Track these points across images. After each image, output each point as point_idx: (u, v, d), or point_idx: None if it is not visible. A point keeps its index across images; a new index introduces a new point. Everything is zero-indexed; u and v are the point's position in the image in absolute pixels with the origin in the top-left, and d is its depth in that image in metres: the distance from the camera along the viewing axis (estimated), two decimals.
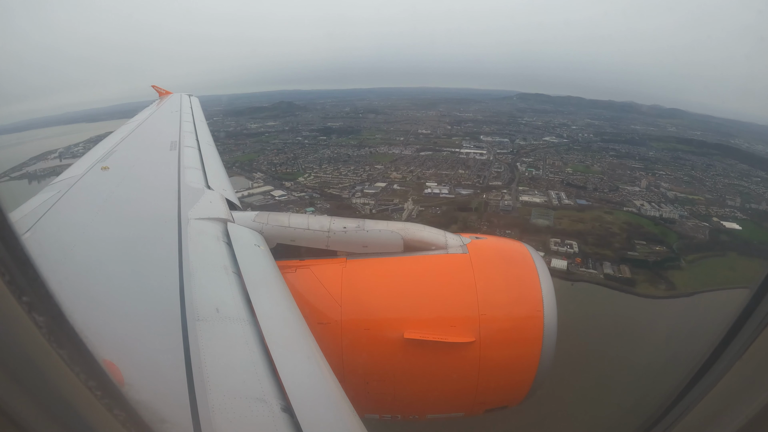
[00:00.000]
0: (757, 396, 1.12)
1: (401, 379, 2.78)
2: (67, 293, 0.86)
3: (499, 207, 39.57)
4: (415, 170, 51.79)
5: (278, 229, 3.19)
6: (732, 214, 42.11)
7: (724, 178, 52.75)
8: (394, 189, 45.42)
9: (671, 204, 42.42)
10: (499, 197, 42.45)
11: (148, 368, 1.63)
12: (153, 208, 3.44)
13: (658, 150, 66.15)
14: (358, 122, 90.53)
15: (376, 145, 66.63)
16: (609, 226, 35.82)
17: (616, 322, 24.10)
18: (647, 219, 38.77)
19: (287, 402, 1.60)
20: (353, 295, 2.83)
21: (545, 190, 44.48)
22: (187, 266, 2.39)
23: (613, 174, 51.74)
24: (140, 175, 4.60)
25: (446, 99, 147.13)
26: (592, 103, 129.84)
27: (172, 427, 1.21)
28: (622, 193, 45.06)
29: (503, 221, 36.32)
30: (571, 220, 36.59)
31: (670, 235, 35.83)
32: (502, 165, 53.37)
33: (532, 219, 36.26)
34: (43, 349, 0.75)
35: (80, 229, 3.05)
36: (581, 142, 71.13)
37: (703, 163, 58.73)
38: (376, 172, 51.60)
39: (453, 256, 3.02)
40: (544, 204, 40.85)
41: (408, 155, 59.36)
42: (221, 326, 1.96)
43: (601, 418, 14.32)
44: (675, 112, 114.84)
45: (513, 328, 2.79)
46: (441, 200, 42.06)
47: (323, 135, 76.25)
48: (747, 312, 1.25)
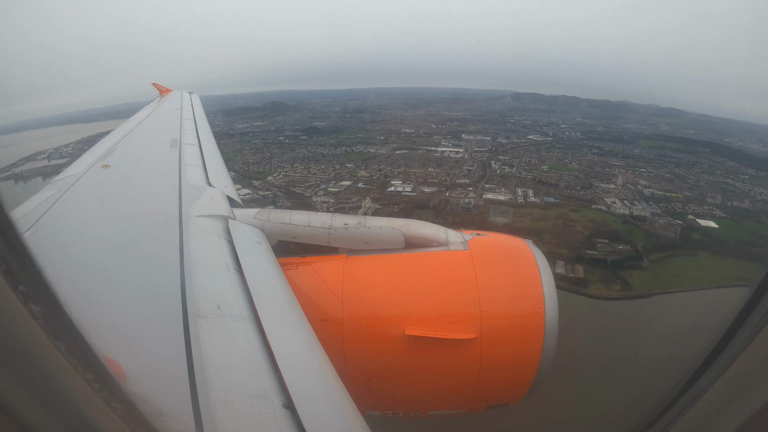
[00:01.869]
0: (756, 395, 1.14)
1: (403, 376, 2.77)
2: (68, 290, 0.87)
3: (459, 205, 38.29)
4: (385, 169, 50.58)
5: (279, 226, 3.18)
6: (711, 212, 40.56)
7: (708, 176, 51.26)
8: (358, 187, 44.28)
9: (645, 201, 40.75)
10: (462, 195, 41.11)
11: (149, 364, 1.63)
12: (154, 206, 3.45)
13: (645, 148, 64.54)
14: (344, 122, 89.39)
15: (353, 144, 65.45)
16: (572, 224, 34.15)
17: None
18: (615, 217, 37.06)
19: (289, 399, 1.61)
20: (354, 291, 2.82)
21: (513, 188, 42.96)
22: (188, 263, 2.38)
23: (590, 171, 50.03)
24: (141, 173, 4.59)
25: (440, 99, 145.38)
26: (586, 103, 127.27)
27: (171, 420, 1.19)
28: (595, 191, 43.29)
29: (460, 219, 34.89)
30: (532, 218, 35.03)
31: (637, 233, 34.09)
32: (475, 163, 51.84)
33: (490, 217, 34.74)
34: (40, 340, 0.75)
35: (81, 227, 3.02)
36: (566, 140, 69.48)
37: (690, 160, 57.12)
38: (346, 170, 50.45)
39: (454, 252, 3.01)
40: (508, 202, 39.41)
41: (383, 154, 58.11)
42: (222, 323, 1.96)
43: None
44: (671, 112, 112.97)
45: (514, 325, 2.79)
46: (401, 198, 40.91)
47: (305, 135, 75.24)
48: (746, 311, 1.26)
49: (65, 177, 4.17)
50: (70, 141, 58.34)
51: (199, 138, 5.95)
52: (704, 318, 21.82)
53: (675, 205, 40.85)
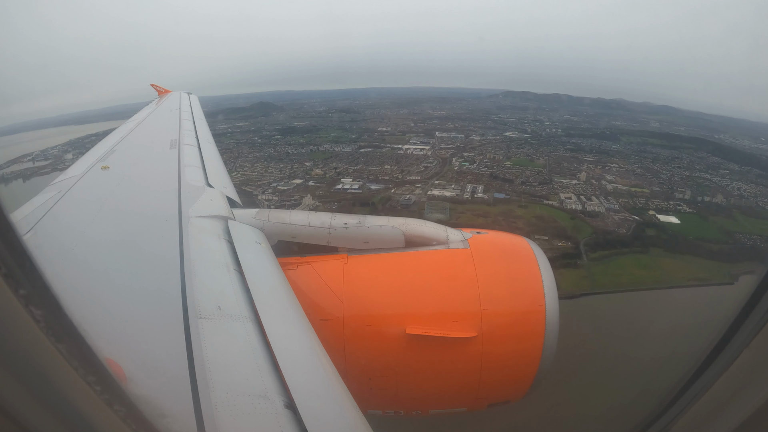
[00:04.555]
0: (757, 393, 1.15)
1: (404, 375, 2.78)
2: (69, 292, 0.88)
3: (400, 201, 36.74)
4: (341, 167, 49.22)
5: (279, 226, 3.17)
6: (675, 207, 38.59)
7: (685, 171, 49.43)
8: (308, 185, 42.95)
9: (605, 197, 38.80)
10: (408, 192, 39.53)
11: (150, 366, 1.63)
12: (154, 207, 3.45)
13: (626, 144, 62.86)
14: (324, 121, 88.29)
15: (322, 144, 64.25)
16: (514, 220, 32.15)
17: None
18: (565, 213, 35.06)
19: (290, 399, 1.60)
20: (355, 291, 2.83)
21: (464, 184, 41.19)
22: (188, 264, 2.38)
23: (556, 167, 48.10)
24: (141, 174, 4.59)
25: (431, 98, 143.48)
26: (578, 101, 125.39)
27: (173, 422, 1.19)
28: (554, 187, 41.32)
29: (397, 215, 32.97)
30: (473, 214, 33.14)
31: (584, 229, 32.13)
32: (436, 160, 50.15)
33: (426, 213, 33.00)
34: (41, 342, 0.75)
35: (82, 229, 3.02)
36: (544, 137, 67.69)
37: (671, 156, 55.30)
38: (303, 169, 49.17)
39: (454, 251, 3.02)
40: (453, 198, 37.69)
41: (347, 152, 56.78)
42: (223, 324, 1.96)
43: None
44: (664, 109, 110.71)
45: (515, 323, 2.80)
46: (345, 195, 39.60)
47: (280, 135, 74.38)
48: (746, 310, 1.27)
49: (65, 179, 4.17)
50: (57, 143, 58.34)
51: (198, 139, 5.98)
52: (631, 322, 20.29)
53: (638, 201, 38.90)
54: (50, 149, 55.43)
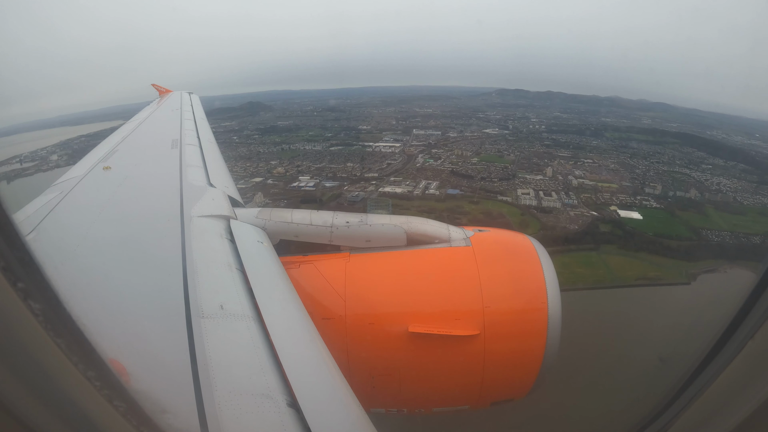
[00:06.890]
0: (757, 392, 1.15)
1: (407, 373, 2.78)
2: (72, 290, 0.89)
3: (347, 198, 35.84)
4: (303, 165, 48.40)
5: (281, 225, 3.17)
6: (642, 202, 37.13)
7: (663, 166, 47.83)
8: (266, 183, 42.27)
9: (565, 192, 37.47)
10: (360, 188, 38.77)
11: (152, 364, 1.63)
12: (156, 207, 3.45)
13: (609, 140, 61.21)
14: (307, 120, 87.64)
15: (294, 142, 63.58)
16: (458, 216, 31.04)
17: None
18: (517, 208, 33.85)
19: (293, 398, 1.61)
20: (357, 289, 2.83)
21: (417, 181, 40.19)
22: (190, 264, 2.38)
23: (525, 163, 46.81)
24: (142, 174, 4.55)
25: (423, 96, 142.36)
26: (572, 98, 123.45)
27: (174, 417, 1.21)
28: (514, 183, 40.07)
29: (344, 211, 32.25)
30: (419, 210, 31.95)
31: (533, 225, 30.84)
32: (402, 157, 49.21)
33: (368, 209, 31.96)
34: (42, 339, 0.76)
35: (84, 229, 3.01)
36: (525, 133, 66.38)
37: (652, 151, 53.80)
38: (266, 167, 48.46)
39: (456, 249, 3.01)
40: (403, 194, 36.69)
41: (316, 150, 56.03)
42: (226, 323, 1.96)
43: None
44: (659, 106, 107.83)
45: (517, 321, 2.78)
46: (297, 193, 38.84)
47: (259, 134, 73.88)
48: (745, 309, 1.26)
49: (67, 179, 4.19)
50: (47, 144, 58.27)
51: (199, 138, 5.97)
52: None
53: (602, 196, 37.51)
54: (40, 150, 55.53)
